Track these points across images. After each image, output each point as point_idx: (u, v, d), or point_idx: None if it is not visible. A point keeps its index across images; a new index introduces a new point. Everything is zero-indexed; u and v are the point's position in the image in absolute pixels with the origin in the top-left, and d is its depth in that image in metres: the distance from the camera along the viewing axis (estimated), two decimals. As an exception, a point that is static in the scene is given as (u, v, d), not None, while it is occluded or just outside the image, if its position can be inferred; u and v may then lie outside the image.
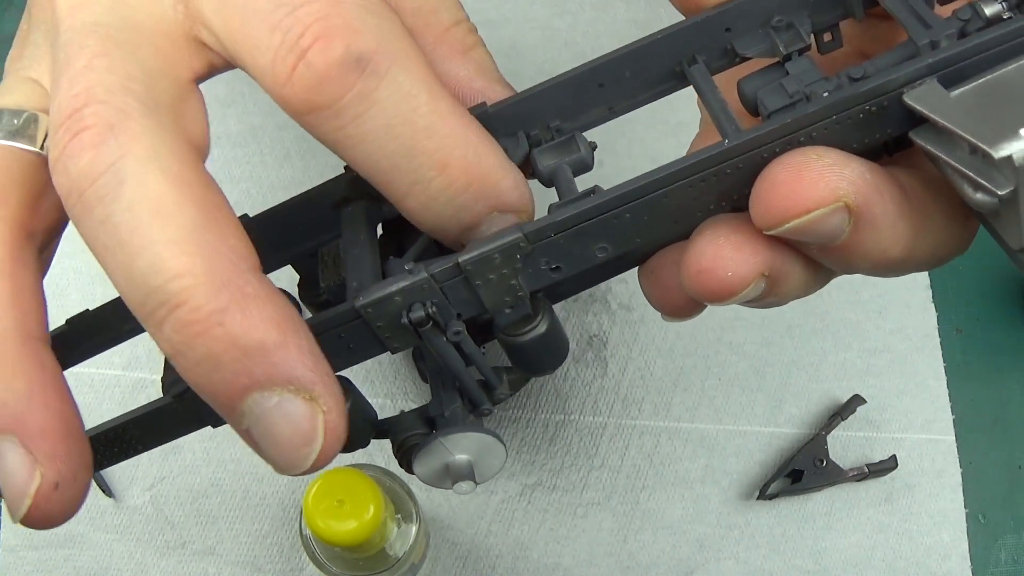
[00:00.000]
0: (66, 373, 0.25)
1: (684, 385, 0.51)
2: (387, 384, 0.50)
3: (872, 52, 0.28)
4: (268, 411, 0.21)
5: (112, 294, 0.26)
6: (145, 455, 0.48)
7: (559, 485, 0.49)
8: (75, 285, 0.52)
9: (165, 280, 0.21)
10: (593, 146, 0.27)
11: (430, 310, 0.24)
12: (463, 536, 0.49)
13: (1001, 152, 0.20)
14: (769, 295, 0.24)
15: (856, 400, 0.50)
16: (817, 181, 0.22)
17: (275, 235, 0.28)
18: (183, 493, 0.49)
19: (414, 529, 0.43)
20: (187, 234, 0.21)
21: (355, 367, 0.25)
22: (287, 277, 0.29)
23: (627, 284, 0.53)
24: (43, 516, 0.22)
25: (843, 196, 0.22)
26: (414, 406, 0.50)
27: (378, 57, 0.22)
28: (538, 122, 0.27)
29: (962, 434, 0.51)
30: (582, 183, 0.26)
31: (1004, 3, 0.24)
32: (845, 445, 0.50)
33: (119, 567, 0.48)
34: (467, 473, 0.26)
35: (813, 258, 0.24)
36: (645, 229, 0.24)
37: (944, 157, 0.22)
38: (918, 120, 0.23)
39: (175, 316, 0.21)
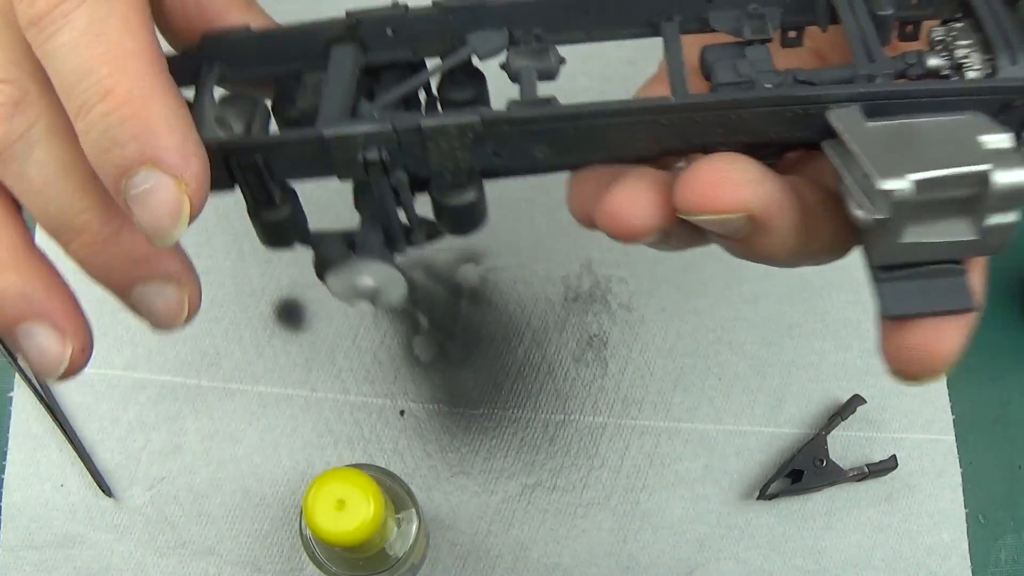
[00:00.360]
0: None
1: (684, 385, 0.51)
2: (387, 384, 0.50)
3: (827, 55, 0.32)
4: (146, 190, 0.25)
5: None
6: (145, 455, 0.49)
7: (559, 485, 0.50)
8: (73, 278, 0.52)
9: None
10: (562, 61, 0.30)
11: (383, 155, 0.27)
12: (463, 536, 0.49)
13: (884, 185, 0.24)
14: (659, 244, 0.28)
15: (856, 400, 0.50)
16: (735, 191, 0.26)
17: (268, 51, 0.31)
18: (183, 493, 0.49)
19: (414, 529, 0.43)
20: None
21: (358, 365, 0.25)
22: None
23: (627, 284, 0.53)
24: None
25: (751, 208, 0.26)
26: (414, 407, 0.50)
27: None
28: (523, 25, 0.30)
29: (962, 434, 0.51)
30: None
31: (948, 60, 0.28)
32: (845, 445, 0.50)
33: (119, 567, 0.48)
34: (370, 296, 0.30)
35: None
36: (583, 146, 0.28)
37: (842, 172, 0.26)
38: (833, 134, 0.26)
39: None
